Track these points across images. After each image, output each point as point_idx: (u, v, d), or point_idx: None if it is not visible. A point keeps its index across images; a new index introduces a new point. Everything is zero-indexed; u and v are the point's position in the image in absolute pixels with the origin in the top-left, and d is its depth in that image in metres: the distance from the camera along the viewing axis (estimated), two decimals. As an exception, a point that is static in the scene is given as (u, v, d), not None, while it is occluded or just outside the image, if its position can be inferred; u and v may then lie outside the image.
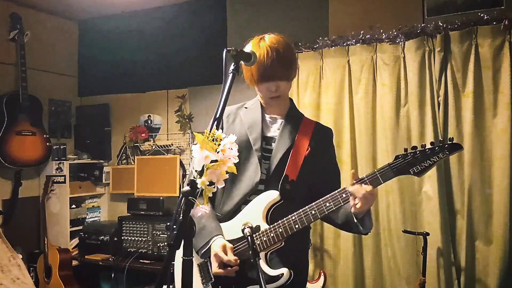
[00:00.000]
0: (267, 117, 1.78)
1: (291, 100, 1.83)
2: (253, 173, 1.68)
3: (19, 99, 3.81)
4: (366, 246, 3.14)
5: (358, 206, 1.49)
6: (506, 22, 2.72)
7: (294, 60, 1.74)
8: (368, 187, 1.48)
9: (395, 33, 3.03)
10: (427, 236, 2.76)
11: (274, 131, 1.75)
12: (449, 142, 1.47)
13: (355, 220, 1.56)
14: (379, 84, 3.11)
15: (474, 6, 2.91)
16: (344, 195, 1.53)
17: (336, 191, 1.55)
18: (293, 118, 1.77)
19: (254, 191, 1.67)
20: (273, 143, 1.72)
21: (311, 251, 3.21)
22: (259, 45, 1.65)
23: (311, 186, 1.72)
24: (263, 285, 1.31)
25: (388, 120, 3.05)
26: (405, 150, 1.49)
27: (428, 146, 1.49)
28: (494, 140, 2.80)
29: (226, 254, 1.57)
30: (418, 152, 1.47)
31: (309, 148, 1.70)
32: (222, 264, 1.57)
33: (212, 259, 1.60)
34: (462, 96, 2.88)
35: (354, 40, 3.16)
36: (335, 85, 3.24)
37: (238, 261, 1.57)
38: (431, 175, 2.89)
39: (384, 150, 3.06)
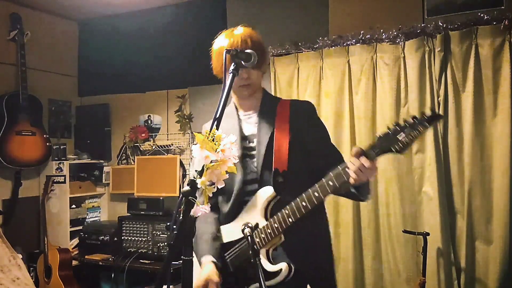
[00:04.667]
0: (243, 115, 1.77)
1: (264, 90, 1.81)
2: (238, 173, 1.66)
3: (19, 99, 3.81)
4: (366, 246, 3.14)
5: (352, 180, 1.46)
6: (506, 22, 2.72)
7: (265, 52, 1.75)
8: (366, 161, 1.43)
9: (395, 33, 3.03)
10: (427, 236, 2.76)
11: (253, 127, 1.74)
12: (428, 114, 1.40)
13: (352, 190, 1.53)
14: (379, 84, 3.11)
15: (474, 6, 2.91)
16: (330, 183, 1.50)
17: (323, 179, 1.52)
18: (268, 107, 1.75)
19: (248, 192, 1.66)
20: (254, 140, 1.71)
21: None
22: (233, 33, 1.68)
23: (310, 167, 1.70)
24: (263, 286, 1.31)
25: (388, 120, 3.05)
26: (388, 128, 1.44)
27: (409, 120, 1.42)
28: (494, 140, 2.80)
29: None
30: (398, 128, 1.41)
31: (291, 133, 1.68)
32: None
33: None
34: (462, 96, 2.88)
35: (354, 40, 3.16)
36: (335, 85, 3.24)
37: None
38: (431, 175, 2.89)
39: (384, 150, 3.06)
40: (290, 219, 1.55)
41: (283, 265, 1.56)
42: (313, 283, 1.62)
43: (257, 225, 1.60)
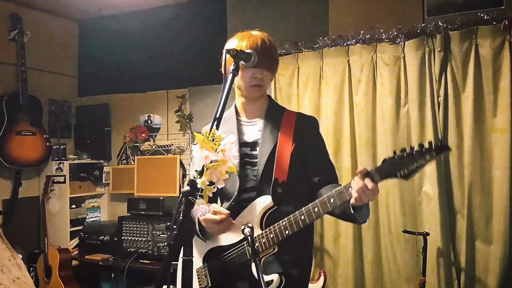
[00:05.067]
0: (245, 121, 1.75)
1: (269, 97, 1.80)
2: (235, 179, 1.65)
3: (19, 99, 3.81)
4: (366, 246, 3.14)
5: (353, 200, 1.45)
6: (506, 22, 2.72)
7: (278, 58, 1.78)
8: (370, 183, 1.41)
9: (395, 33, 3.02)
10: (427, 236, 2.76)
11: (256, 134, 1.71)
12: (436, 144, 1.38)
13: (352, 211, 1.51)
14: (379, 84, 3.11)
15: (474, 6, 2.91)
16: (332, 200, 1.48)
17: (325, 195, 1.50)
18: (273, 116, 1.73)
19: (246, 200, 1.64)
20: (257, 148, 1.69)
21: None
22: (251, 34, 1.68)
23: (306, 180, 1.70)
24: (263, 286, 1.31)
25: (388, 120, 3.05)
26: (394, 153, 1.42)
27: (416, 147, 1.39)
28: (494, 140, 2.80)
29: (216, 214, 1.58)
30: (405, 155, 1.39)
31: (294, 144, 1.66)
32: (218, 224, 1.58)
33: (208, 225, 1.60)
34: (462, 96, 2.88)
35: (354, 40, 3.16)
36: (335, 85, 3.24)
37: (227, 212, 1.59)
38: (431, 175, 2.89)
39: (384, 150, 3.06)
40: (287, 231, 1.54)
41: (274, 276, 1.56)
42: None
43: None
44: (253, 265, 1.56)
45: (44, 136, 3.98)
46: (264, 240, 1.57)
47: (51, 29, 4.32)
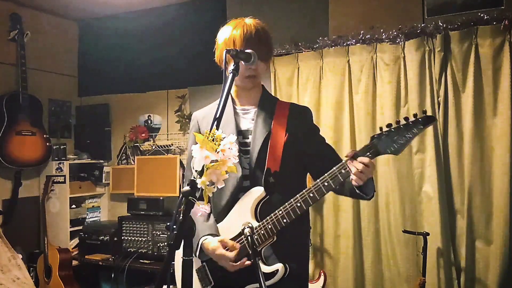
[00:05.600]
0: (239, 109, 1.74)
1: (263, 86, 1.79)
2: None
3: (19, 99, 3.81)
4: (366, 246, 3.14)
5: (354, 182, 1.47)
6: (506, 22, 2.72)
7: (272, 46, 1.76)
8: (365, 159, 1.44)
9: (395, 33, 3.03)
10: (427, 236, 2.76)
11: (249, 122, 1.71)
12: (422, 115, 1.39)
13: (357, 191, 1.53)
14: (379, 84, 3.11)
15: (474, 6, 2.91)
16: (326, 183, 1.49)
17: (318, 180, 1.52)
18: (267, 105, 1.72)
19: (241, 189, 1.64)
20: (249, 136, 1.68)
21: (311, 251, 3.21)
22: (245, 22, 1.66)
23: (308, 170, 1.70)
24: (263, 286, 1.31)
25: (388, 120, 3.04)
26: (380, 129, 1.44)
27: (402, 121, 1.42)
28: (494, 140, 2.80)
29: (229, 249, 1.56)
30: (392, 129, 1.41)
31: (287, 134, 1.66)
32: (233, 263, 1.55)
33: (220, 261, 1.58)
34: (462, 96, 2.88)
35: (354, 40, 3.16)
36: (335, 85, 3.24)
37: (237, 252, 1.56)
38: (431, 175, 2.89)
39: (384, 150, 3.06)
40: (284, 220, 1.54)
41: (279, 266, 1.56)
42: (294, 281, 1.62)
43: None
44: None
45: (44, 136, 3.98)
46: (262, 232, 1.57)
47: (51, 29, 4.32)
